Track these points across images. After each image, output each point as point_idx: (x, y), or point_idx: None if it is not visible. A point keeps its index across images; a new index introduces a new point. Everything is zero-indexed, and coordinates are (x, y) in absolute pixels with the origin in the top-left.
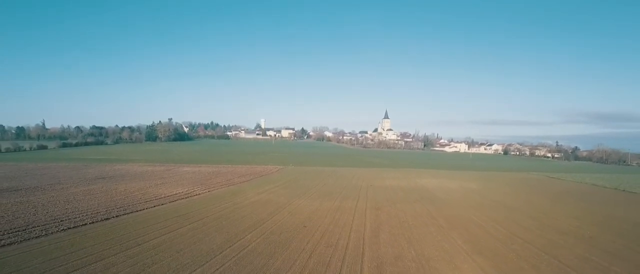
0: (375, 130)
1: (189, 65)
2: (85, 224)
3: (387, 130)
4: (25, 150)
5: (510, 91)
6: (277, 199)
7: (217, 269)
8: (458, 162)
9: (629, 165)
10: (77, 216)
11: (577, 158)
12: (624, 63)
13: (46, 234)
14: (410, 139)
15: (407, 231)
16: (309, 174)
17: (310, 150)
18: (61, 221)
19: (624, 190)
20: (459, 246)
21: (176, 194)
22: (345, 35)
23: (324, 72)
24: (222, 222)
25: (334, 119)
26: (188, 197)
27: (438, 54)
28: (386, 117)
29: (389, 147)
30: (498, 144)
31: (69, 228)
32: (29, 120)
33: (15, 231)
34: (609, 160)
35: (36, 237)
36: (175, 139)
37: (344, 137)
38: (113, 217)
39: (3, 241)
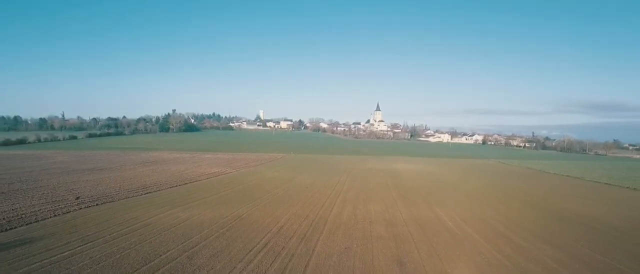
0: (368, 121)
1: (190, 59)
2: (176, 186)
3: (379, 121)
4: (59, 140)
5: (505, 81)
6: (286, 175)
7: (266, 201)
8: (435, 151)
9: (586, 154)
10: (165, 182)
11: (544, 148)
12: (618, 54)
13: (160, 190)
14: (399, 130)
15: (367, 190)
16: (307, 160)
17: (307, 140)
18: (160, 184)
19: (545, 171)
20: (392, 195)
21: (214, 172)
22: (340, 28)
23: (321, 64)
24: (256, 186)
25: (329, 110)
26: (224, 174)
27: (432, 46)
28: (378, 109)
29: (378, 138)
30: (479, 135)
31: (170, 187)
32: (41, 112)
33: (141, 189)
34: (571, 149)
35: (156, 191)
36: (185, 130)
37: (338, 129)
38: (188, 183)
39: (144, 191)
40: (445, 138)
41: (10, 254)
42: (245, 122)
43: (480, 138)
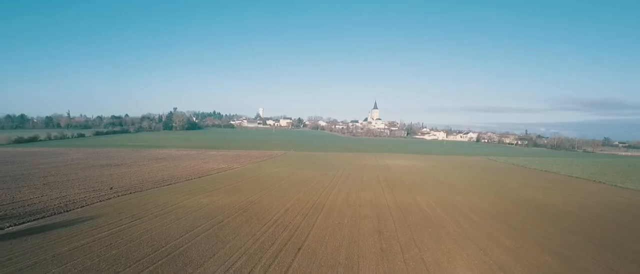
0: (366, 119)
1: (190, 57)
2: (191, 179)
3: (376, 119)
4: (68, 138)
5: (503, 78)
6: (288, 170)
7: (273, 190)
8: (429, 148)
9: (575, 151)
10: (181, 176)
11: (536, 145)
12: (615, 52)
13: (178, 182)
14: (396, 128)
15: (359, 182)
16: (307, 157)
17: (306, 138)
18: (177, 178)
19: (527, 167)
20: (381, 186)
21: (223, 167)
22: (339, 27)
23: (319, 63)
24: (262, 179)
25: (328, 108)
26: (231, 169)
27: (429, 44)
28: (375, 107)
29: (375, 136)
30: (473, 132)
31: (186, 180)
32: (44, 110)
33: (162, 181)
34: (561, 147)
35: (175, 183)
36: (188, 128)
37: (336, 126)
38: (201, 176)
39: (165, 183)
40: (441, 136)
41: (82, 227)
42: (245, 120)
43: (474, 136)
